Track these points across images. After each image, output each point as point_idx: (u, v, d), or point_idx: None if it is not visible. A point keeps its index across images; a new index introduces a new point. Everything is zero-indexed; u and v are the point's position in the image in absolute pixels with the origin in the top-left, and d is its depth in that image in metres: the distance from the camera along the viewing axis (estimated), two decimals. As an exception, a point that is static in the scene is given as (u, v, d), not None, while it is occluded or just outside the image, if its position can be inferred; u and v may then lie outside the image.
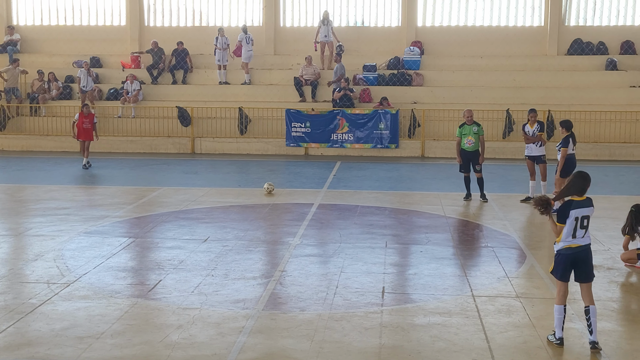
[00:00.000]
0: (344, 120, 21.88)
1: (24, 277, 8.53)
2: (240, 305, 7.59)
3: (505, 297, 7.91)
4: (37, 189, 15.15)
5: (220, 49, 23.75)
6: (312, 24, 25.67)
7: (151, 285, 8.26)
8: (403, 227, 11.84)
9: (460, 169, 14.36)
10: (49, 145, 22.75)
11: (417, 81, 23.62)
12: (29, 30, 26.69)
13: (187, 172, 18.18)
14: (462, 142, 14.07)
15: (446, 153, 21.58)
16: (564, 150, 12.77)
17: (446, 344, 6.55)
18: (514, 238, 10.88)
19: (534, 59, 24.47)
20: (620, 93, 22.62)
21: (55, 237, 10.60)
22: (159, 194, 14.67)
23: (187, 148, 22.49)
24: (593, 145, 21.11)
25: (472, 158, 14.05)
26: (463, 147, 14.07)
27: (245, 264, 9.30)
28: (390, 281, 8.58)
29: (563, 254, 6.60)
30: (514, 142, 21.68)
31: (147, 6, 26.27)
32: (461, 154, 14.11)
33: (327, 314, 7.32)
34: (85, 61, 24.03)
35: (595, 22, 25.04)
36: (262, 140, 22.34)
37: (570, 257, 6.57)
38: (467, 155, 14.05)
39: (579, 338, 6.70)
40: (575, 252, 6.57)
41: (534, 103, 22.40)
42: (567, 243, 6.57)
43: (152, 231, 11.19)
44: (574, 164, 12.80)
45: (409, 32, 25.09)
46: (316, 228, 11.60)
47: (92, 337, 6.59)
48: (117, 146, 22.55)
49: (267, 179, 16.00)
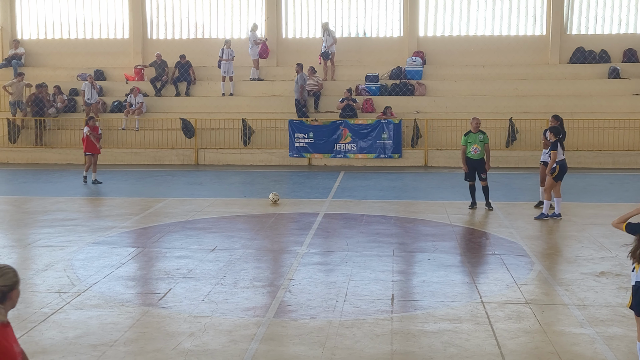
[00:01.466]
0: (347, 130, 21.95)
1: (34, 287, 8.57)
2: (250, 313, 7.62)
3: (514, 304, 7.93)
4: (43, 201, 15.21)
5: (227, 60, 23.89)
6: (313, 35, 25.81)
7: (161, 294, 8.29)
8: (409, 236, 11.87)
9: (465, 177, 14.40)
10: (54, 157, 22.83)
11: (420, 91, 23.71)
12: (33, 44, 26.84)
13: (191, 183, 18.23)
14: (467, 150, 14.11)
15: (449, 162, 21.64)
16: (554, 153, 13.08)
17: (458, 349, 6.57)
18: (520, 245, 10.91)
19: (536, 68, 24.56)
20: (623, 101, 22.68)
21: (64, 247, 10.64)
22: (165, 204, 14.72)
23: (191, 159, 22.56)
24: (597, 154, 21.16)
25: (477, 166, 14.10)
26: (468, 155, 14.12)
27: (253, 272, 9.33)
28: (399, 288, 8.60)
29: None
30: (517, 151, 21.75)
31: (149, 19, 26.43)
32: (467, 162, 14.14)
33: (338, 321, 7.34)
34: (90, 74, 24.16)
35: (597, 31, 25.15)
36: (265, 151, 22.41)
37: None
38: (473, 163, 14.11)
39: (590, 344, 6.72)
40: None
41: (536, 112, 22.53)
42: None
43: (159, 241, 11.22)
44: (565, 169, 13.27)
45: (411, 42, 25.21)
46: (323, 237, 11.63)
47: (105, 345, 6.62)
48: (122, 158, 22.62)
49: (272, 189, 16.05)
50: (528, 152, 21.65)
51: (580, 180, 17.95)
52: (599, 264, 9.70)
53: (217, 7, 26.24)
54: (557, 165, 13.09)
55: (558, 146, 13.11)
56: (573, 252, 10.71)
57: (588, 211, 13.77)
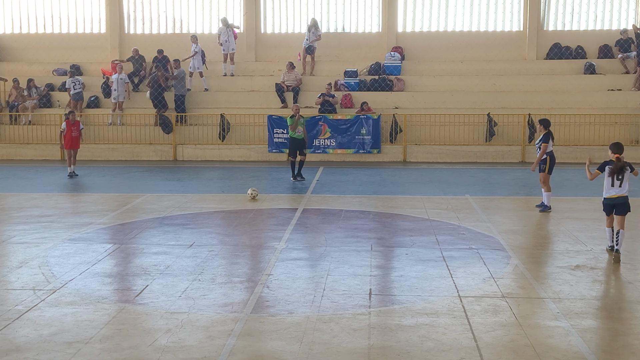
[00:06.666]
0: (326, 126, 21.95)
1: (9, 284, 8.46)
2: (228, 308, 7.59)
3: (491, 297, 7.98)
4: (19, 197, 15.03)
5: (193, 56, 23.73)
6: (292, 30, 25.77)
7: (138, 291, 8.24)
8: (387, 231, 11.90)
9: (289, 155, 17.77)
10: (30, 153, 22.59)
11: (398, 86, 23.76)
12: (8, 38, 26.53)
13: (169, 179, 18.13)
14: (291, 132, 17.45)
15: (428, 157, 21.77)
16: (544, 145, 13.25)
17: (435, 343, 6.60)
18: (497, 240, 10.98)
19: (513, 64, 24.73)
20: (599, 96, 22.92)
21: (40, 244, 10.53)
22: (143, 200, 14.62)
23: (169, 155, 22.43)
24: (573, 148, 21.36)
25: (301, 145, 17.52)
26: (293, 135, 17.43)
27: (231, 268, 9.31)
28: (377, 283, 8.62)
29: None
30: (495, 146, 21.91)
31: (127, 14, 26.23)
32: (291, 141, 17.51)
33: (315, 316, 7.34)
34: (72, 70, 23.99)
35: (574, 27, 25.39)
36: (244, 146, 22.34)
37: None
38: (297, 142, 17.45)
39: (565, 336, 6.78)
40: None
41: (514, 107, 22.71)
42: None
43: (136, 237, 11.15)
44: (554, 161, 13.45)
45: (390, 37, 25.26)
46: (301, 232, 11.62)
47: (80, 342, 6.56)
48: (99, 154, 22.44)
49: (251, 184, 16.01)
50: (506, 147, 21.81)
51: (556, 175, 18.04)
52: (574, 258, 9.80)
53: (195, 1, 26.09)
54: (547, 156, 13.25)
55: (550, 139, 13.27)
56: (549, 246, 10.82)
57: (564, 205, 13.89)
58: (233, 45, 24.24)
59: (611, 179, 9.68)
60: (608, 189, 9.76)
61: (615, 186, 9.66)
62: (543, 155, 13.24)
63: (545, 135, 13.32)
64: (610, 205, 9.75)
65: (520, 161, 21.61)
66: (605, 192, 9.81)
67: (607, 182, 9.76)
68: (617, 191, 9.66)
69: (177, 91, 22.84)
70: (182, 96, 22.94)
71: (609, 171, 9.70)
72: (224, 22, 24.14)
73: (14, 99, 23.65)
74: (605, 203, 9.83)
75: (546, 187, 13.32)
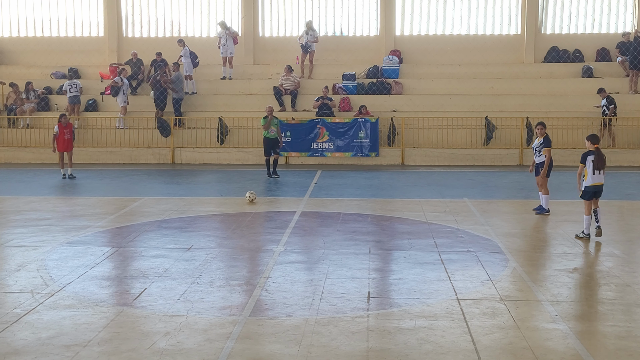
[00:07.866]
0: (324, 129, 21.97)
1: (7, 288, 8.46)
2: (226, 311, 7.59)
3: (489, 300, 7.99)
4: (17, 200, 15.03)
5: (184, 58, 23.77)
6: (290, 34, 25.80)
7: (136, 294, 8.23)
8: (386, 234, 11.91)
9: (264, 154, 18.72)
10: (28, 157, 22.59)
11: (396, 90, 23.79)
12: (6, 42, 26.54)
13: (168, 182, 18.13)
14: (265, 131, 18.56)
15: (426, 161, 21.80)
16: (548, 150, 13.22)
17: (433, 346, 6.60)
18: (496, 243, 10.99)
19: (511, 67, 24.78)
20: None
21: (38, 247, 10.53)
22: (141, 204, 14.62)
23: (167, 158, 22.44)
24: (571, 152, 21.35)
25: (274, 144, 18.61)
26: (266, 135, 18.48)
27: (230, 271, 9.31)
28: (375, 286, 8.62)
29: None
30: (493, 150, 21.94)
31: (125, 17, 26.25)
32: (265, 141, 18.56)
33: (314, 319, 7.34)
34: (70, 73, 23.99)
35: (571, 30, 25.45)
36: (242, 150, 22.35)
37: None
38: (270, 141, 18.56)
39: (563, 339, 6.79)
40: None
41: (512, 110, 22.76)
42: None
43: (135, 240, 11.14)
44: (552, 164, 13.46)
45: (388, 41, 25.30)
46: (299, 235, 11.63)
47: (79, 345, 6.56)
48: (97, 157, 22.44)
49: (249, 188, 16.01)
50: (504, 150, 21.84)
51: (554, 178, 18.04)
52: (572, 261, 9.81)
53: (193, 4, 26.12)
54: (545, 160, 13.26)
55: (550, 142, 13.34)
56: (547, 248, 10.83)
57: (562, 208, 13.91)
58: (232, 48, 24.26)
59: (593, 169, 11.11)
60: (591, 176, 11.07)
61: (596, 174, 11.07)
62: (549, 160, 13.20)
63: (546, 140, 13.29)
64: (592, 192, 11.09)
65: (518, 164, 21.65)
66: (589, 180, 11.07)
67: (590, 171, 11.08)
68: (599, 179, 11.08)
69: (175, 95, 22.86)
70: (179, 100, 22.96)
71: (594, 166, 11.06)
72: (223, 25, 24.16)
73: (12, 102, 23.65)
74: (588, 190, 11.10)
75: (544, 190, 13.33)
